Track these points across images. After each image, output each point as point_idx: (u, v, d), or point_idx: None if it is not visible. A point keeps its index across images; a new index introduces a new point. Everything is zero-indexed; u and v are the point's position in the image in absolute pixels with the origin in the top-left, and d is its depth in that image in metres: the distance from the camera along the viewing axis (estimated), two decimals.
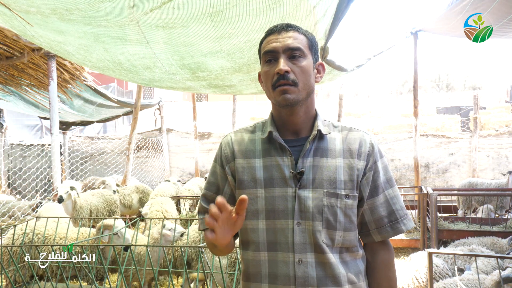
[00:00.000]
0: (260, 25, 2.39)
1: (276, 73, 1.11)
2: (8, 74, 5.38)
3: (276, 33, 1.15)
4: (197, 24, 2.33)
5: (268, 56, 1.15)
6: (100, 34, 2.46)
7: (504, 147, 7.88)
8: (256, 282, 1.15)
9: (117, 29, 2.35)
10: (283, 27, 1.15)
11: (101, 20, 2.21)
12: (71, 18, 2.19)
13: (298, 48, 1.13)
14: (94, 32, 2.42)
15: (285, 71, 1.10)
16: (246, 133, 1.26)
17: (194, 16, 2.21)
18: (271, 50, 1.14)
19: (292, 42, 1.12)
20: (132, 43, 2.62)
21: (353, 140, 1.18)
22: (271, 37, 1.16)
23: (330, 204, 1.11)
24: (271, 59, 1.15)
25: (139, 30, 2.36)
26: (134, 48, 2.72)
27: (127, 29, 2.36)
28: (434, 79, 36.74)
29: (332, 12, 2.52)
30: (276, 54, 1.13)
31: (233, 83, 3.80)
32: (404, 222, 1.19)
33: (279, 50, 1.13)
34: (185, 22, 2.29)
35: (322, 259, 1.10)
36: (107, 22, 2.23)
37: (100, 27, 2.31)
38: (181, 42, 2.63)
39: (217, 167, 1.26)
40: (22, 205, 5.27)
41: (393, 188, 1.21)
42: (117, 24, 2.27)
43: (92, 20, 2.21)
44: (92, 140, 9.80)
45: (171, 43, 2.63)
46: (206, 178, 2.24)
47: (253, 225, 1.16)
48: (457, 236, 4.73)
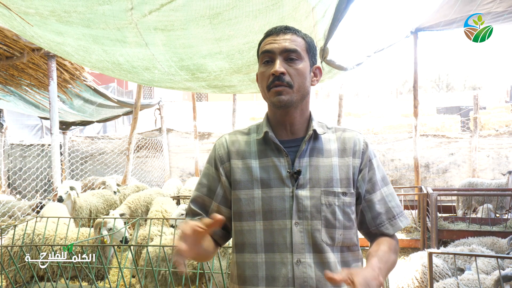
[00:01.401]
0: (259, 27, 2.39)
1: (272, 74, 1.12)
2: (8, 74, 5.38)
3: (274, 35, 1.16)
4: (196, 26, 2.33)
5: (265, 57, 1.17)
6: (99, 36, 2.46)
7: (504, 147, 7.87)
8: (253, 285, 1.13)
9: (116, 31, 2.35)
10: (282, 29, 1.17)
11: (99, 23, 2.21)
12: (70, 20, 2.19)
13: (295, 50, 1.14)
14: (93, 34, 2.42)
15: (281, 72, 1.11)
16: (241, 135, 1.27)
17: (193, 18, 2.21)
18: (268, 51, 1.15)
19: (289, 44, 1.13)
20: (131, 45, 2.62)
21: (347, 140, 1.20)
22: (269, 39, 1.17)
23: (328, 202, 1.12)
24: (268, 60, 1.16)
25: (137, 32, 2.36)
26: (133, 50, 2.72)
27: (126, 32, 2.36)
28: (434, 79, 36.73)
29: (331, 13, 2.52)
30: (273, 55, 1.14)
31: (233, 83, 3.80)
32: (401, 219, 1.21)
33: (276, 52, 1.14)
34: (184, 25, 2.28)
35: (321, 259, 1.10)
36: (106, 24, 2.23)
37: (99, 29, 2.31)
38: (180, 44, 2.63)
39: (210, 168, 1.26)
40: (22, 205, 5.27)
41: (388, 186, 1.23)
42: (116, 27, 2.27)
43: (90, 22, 2.21)
44: (92, 140, 9.80)
45: (170, 45, 2.63)
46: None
47: (249, 226, 1.15)
48: (457, 236, 4.73)
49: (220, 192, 1.22)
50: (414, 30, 6.51)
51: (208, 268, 2.89)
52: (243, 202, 1.16)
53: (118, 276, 3.27)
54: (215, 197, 1.22)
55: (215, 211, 1.21)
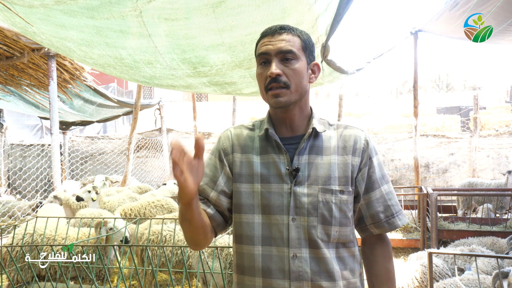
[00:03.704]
0: (261, 18, 2.39)
1: (268, 76, 1.14)
2: (8, 74, 5.38)
3: (269, 36, 1.17)
4: (199, 16, 2.32)
5: (261, 58, 1.18)
6: (103, 28, 2.46)
7: (504, 147, 7.87)
8: (250, 275, 1.17)
9: (120, 21, 2.34)
10: (277, 30, 1.17)
11: (104, 12, 2.20)
12: (74, 9, 2.18)
13: (290, 51, 1.14)
14: (97, 25, 2.42)
15: (277, 74, 1.13)
16: (245, 129, 1.29)
17: (196, 7, 2.20)
18: (264, 52, 1.16)
19: (285, 45, 1.14)
20: (134, 36, 2.62)
21: (348, 137, 1.21)
22: (265, 40, 1.18)
23: (325, 200, 1.14)
24: (265, 61, 1.18)
25: (141, 22, 2.36)
26: (136, 42, 2.72)
27: (129, 21, 2.35)
28: (434, 79, 36.74)
29: (334, 8, 2.52)
30: (269, 57, 1.16)
31: (234, 80, 3.79)
32: (400, 217, 1.22)
33: (272, 53, 1.15)
34: (187, 14, 2.28)
35: (317, 254, 1.13)
36: (110, 13, 2.22)
37: (103, 19, 2.31)
38: (183, 35, 2.62)
39: (213, 158, 1.26)
40: (22, 205, 5.27)
41: (388, 184, 1.24)
42: (120, 15, 2.25)
43: (95, 12, 2.21)
44: (92, 140, 9.80)
45: (173, 35, 2.63)
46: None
47: (248, 219, 1.18)
48: (457, 236, 4.73)
49: (222, 182, 1.23)
50: (414, 31, 6.52)
51: (208, 268, 2.89)
52: (243, 195, 1.19)
53: (118, 276, 3.27)
54: (215, 187, 1.23)
55: (214, 199, 1.22)
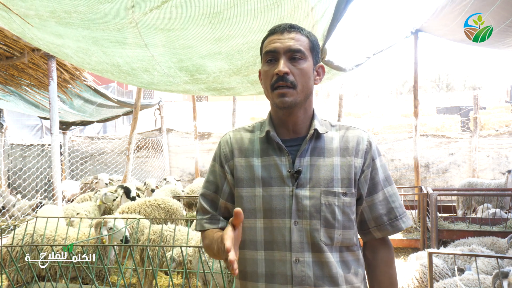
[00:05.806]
0: (258, 27, 2.38)
1: (276, 74, 1.12)
2: (8, 74, 5.38)
3: (278, 33, 1.15)
4: (196, 26, 2.32)
5: (269, 56, 1.15)
6: (99, 38, 2.45)
7: (504, 147, 7.87)
8: (253, 281, 1.15)
9: (116, 32, 2.33)
10: (286, 28, 1.15)
11: (99, 23, 2.19)
12: (70, 21, 2.17)
13: (299, 50, 1.12)
14: (93, 35, 2.41)
15: (285, 72, 1.10)
16: (245, 132, 1.27)
17: (193, 18, 2.20)
18: (272, 50, 1.14)
19: (294, 44, 1.12)
20: (131, 46, 2.61)
21: (350, 138, 1.19)
22: (273, 37, 1.15)
23: (328, 202, 1.11)
24: (272, 59, 1.15)
25: (137, 33, 2.35)
26: (133, 51, 2.71)
27: (126, 33, 2.34)
28: (434, 79, 36.72)
29: (330, 13, 2.51)
30: (276, 55, 1.13)
31: (232, 85, 3.79)
32: (403, 220, 1.20)
33: (280, 51, 1.13)
34: (183, 24, 2.28)
35: (320, 258, 1.10)
36: (106, 25, 2.21)
37: (98, 30, 2.29)
38: (179, 45, 2.62)
39: (216, 166, 1.26)
40: (22, 205, 5.28)
41: (392, 186, 1.21)
42: (116, 27, 2.25)
43: (90, 23, 2.19)
44: (92, 140, 9.80)
45: (170, 45, 2.62)
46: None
47: (250, 224, 1.16)
48: (457, 236, 4.73)
49: (226, 189, 1.23)
50: (414, 30, 6.51)
51: (208, 268, 2.89)
52: (244, 199, 1.17)
53: (119, 276, 3.27)
54: (222, 194, 1.23)
55: (223, 207, 1.24)
